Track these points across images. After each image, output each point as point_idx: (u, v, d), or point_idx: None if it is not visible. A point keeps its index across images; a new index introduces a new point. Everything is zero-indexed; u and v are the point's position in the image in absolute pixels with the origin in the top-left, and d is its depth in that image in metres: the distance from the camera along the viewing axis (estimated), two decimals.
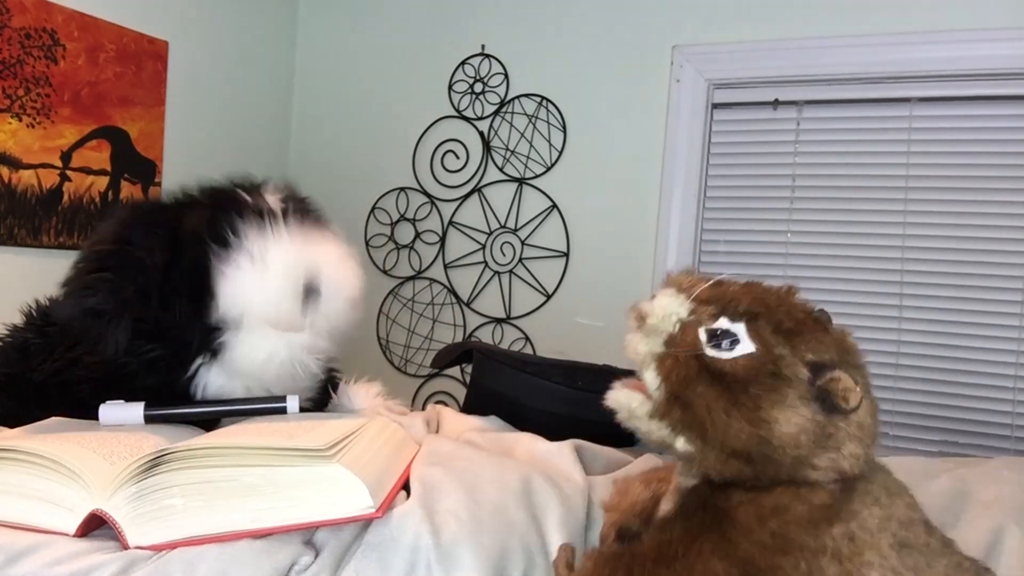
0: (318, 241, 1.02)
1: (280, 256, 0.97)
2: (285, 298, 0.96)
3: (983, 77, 1.83)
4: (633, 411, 0.64)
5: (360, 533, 0.76)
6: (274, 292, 0.96)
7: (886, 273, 1.92)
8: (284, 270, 0.97)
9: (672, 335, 0.62)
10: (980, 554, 0.81)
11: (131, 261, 0.94)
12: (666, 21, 2.11)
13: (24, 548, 0.73)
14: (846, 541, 0.58)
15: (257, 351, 0.97)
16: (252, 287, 0.95)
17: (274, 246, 0.98)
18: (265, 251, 0.97)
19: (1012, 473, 0.96)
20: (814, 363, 0.61)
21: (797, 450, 0.59)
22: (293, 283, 0.97)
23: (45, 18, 1.80)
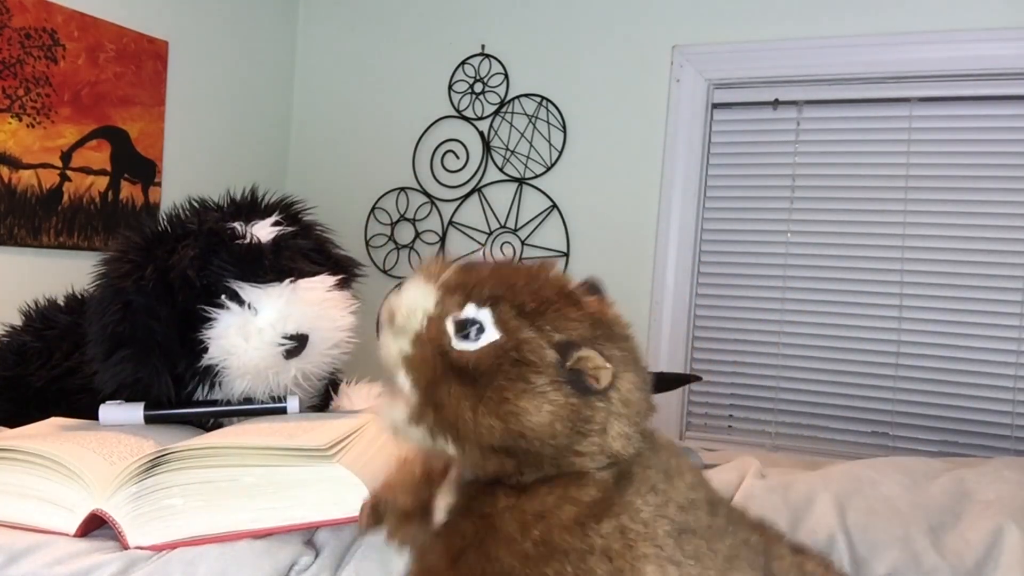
0: (306, 287, 1.02)
1: (268, 305, 0.98)
2: (271, 349, 0.97)
3: (983, 77, 1.82)
4: (396, 422, 0.59)
5: (360, 533, 0.76)
6: (260, 342, 0.97)
7: (886, 273, 1.91)
8: (271, 320, 0.97)
9: (419, 332, 0.58)
10: (980, 554, 0.81)
11: (141, 331, 0.97)
12: (666, 21, 2.11)
13: (24, 548, 0.73)
14: (617, 536, 0.55)
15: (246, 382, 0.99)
16: (239, 335, 0.96)
17: (263, 295, 0.98)
18: (253, 299, 0.98)
19: (1012, 473, 0.96)
20: (561, 343, 0.56)
21: (555, 439, 0.55)
22: (278, 334, 0.97)
23: (45, 18, 1.80)
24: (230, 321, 0.97)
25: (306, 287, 1.02)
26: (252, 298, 0.98)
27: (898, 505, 0.88)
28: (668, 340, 2.08)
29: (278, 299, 0.99)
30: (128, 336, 0.96)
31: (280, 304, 0.98)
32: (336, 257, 1.17)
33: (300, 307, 1.00)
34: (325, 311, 1.03)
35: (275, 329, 0.97)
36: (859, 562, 0.80)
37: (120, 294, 0.97)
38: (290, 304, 0.99)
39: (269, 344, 0.97)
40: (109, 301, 0.97)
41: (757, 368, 2.03)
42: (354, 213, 2.46)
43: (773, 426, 2.02)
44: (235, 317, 0.97)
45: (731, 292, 2.06)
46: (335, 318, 1.04)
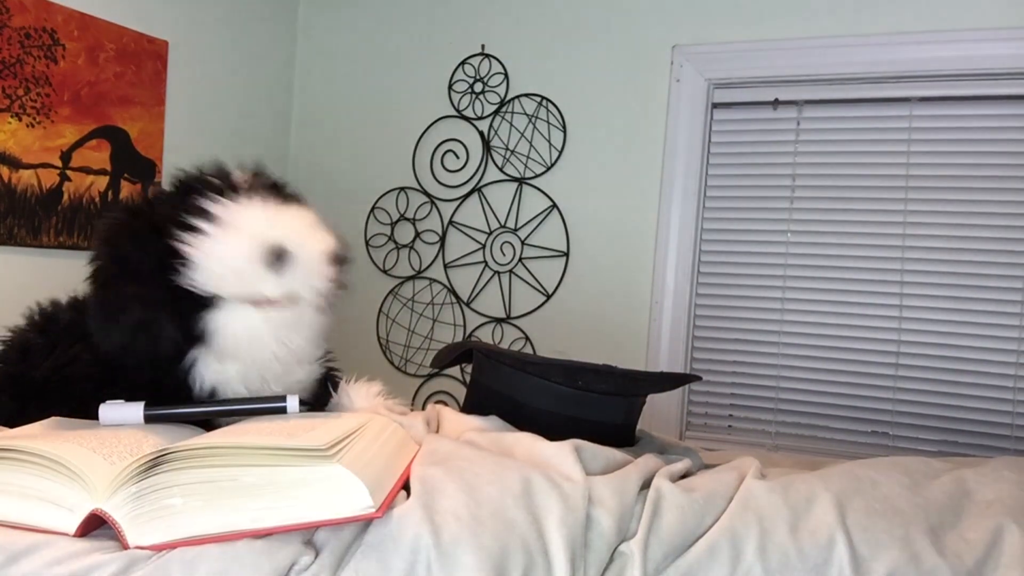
0: (286, 210, 0.99)
1: (245, 219, 0.95)
2: (252, 261, 0.93)
3: (983, 77, 1.83)
4: None
5: (360, 533, 0.76)
6: (240, 256, 0.93)
7: (886, 273, 1.92)
8: (249, 233, 0.94)
9: None
10: (980, 554, 0.81)
11: (136, 272, 0.94)
12: (666, 21, 2.11)
13: (24, 548, 0.73)
14: None
15: (236, 328, 0.95)
16: (219, 254, 0.93)
17: (239, 211, 0.95)
18: (231, 217, 0.94)
19: (1012, 473, 0.96)
20: None
21: None
22: (259, 245, 0.94)
23: (45, 18, 1.80)
24: (210, 242, 0.93)
25: (287, 208, 0.98)
26: (230, 217, 0.94)
27: (898, 505, 0.88)
28: (668, 340, 2.08)
29: (255, 214, 0.95)
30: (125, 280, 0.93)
31: (258, 218, 0.94)
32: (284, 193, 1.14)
33: (280, 221, 0.96)
34: (307, 227, 0.98)
35: (253, 239, 0.93)
36: (859, 562, 0.80)
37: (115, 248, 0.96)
38: (269, 218, 0.95)
39: (248, 255, 0.92)
40: (105, 255, 0.96)
41: (757, 368, 2.04)
42: (354, 213, 2.47)
43: (773, 426, 2.02)
44: (214, 238, 0.93)
45: (731, 292, 2.06)
46: (317, 235, 0.98)
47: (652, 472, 0.96)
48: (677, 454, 1.14)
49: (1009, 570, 0.78)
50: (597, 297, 2.18)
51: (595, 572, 0.80)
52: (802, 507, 0.86)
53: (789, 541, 0.82)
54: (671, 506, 0.86)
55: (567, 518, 0.80)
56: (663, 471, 0.96)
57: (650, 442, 1.20)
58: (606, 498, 0.85)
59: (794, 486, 0.90)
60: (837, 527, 0.83)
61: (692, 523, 0.85)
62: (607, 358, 2.14)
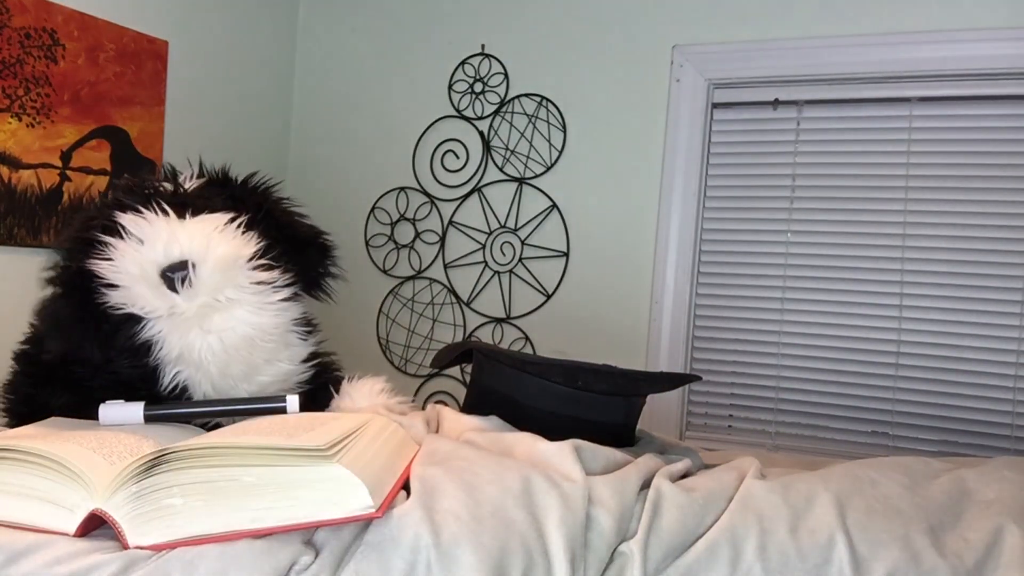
0: (192, 220, 0.98)
1: (147, 235, 0.96)
2: (151, 279, 0.94)
3: (983, 77, 1.83)
4: None
5: (360, 533, 0.76)
6: (140, 274, 0.94)
7: (886, 273, 1.92)
8: (147, 251, 0.95)
9: None
10: (980, 554, 0.81)
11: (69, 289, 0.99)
12: (666, 21, 2.11)
13: (24, 548, 0.73)
14: None
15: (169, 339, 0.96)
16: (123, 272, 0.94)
17: (143, 226, 0.96)
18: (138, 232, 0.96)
19: (1012, 473, 0.96)
20: None
21: None
22: (153, 263, 0.94)
23: (45, 18, 1.80)
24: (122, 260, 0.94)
25: (198, 219, 0.99)
26: (135, 229, 0.95)
27: (898, 505, 0.88)
28: (668, 340, 2.08)
29: (162, 228, 0.95)
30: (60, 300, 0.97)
31: (164, 232, 0.95)
32: (301, 229, 1.12)
33: (185, 233, 0.96)
34: (206, 234, 0.98)
35: (150, 253, 0.94)
36: (859, 562, 0.80)
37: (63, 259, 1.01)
38: (175, 232, 0.95)
39: (146, 268, 0.94)
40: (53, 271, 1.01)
41: (757, 368, 2.04)
42: (354, 213, 2.47)
43: (773, 426, 2.02)
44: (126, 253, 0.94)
45: (731, 292, 2.06)
46: (216, 241, 0.98)
47: (652, 472, 0.96)
48: (677, 454, 1.14)
49: (1009, 570, 0.78)
50: (597, 297, 2.18)
51: (595, 572, 0.80)
52: (802, 507, 0.86)
53: (789, 541, 0.82)
54: (671, 506, 0.86)
55: (567, 518, 0.80)
56: (663, 471, 0.96)
57: (650, 442, 1.20)
58: (606, 498, 0.85)
59: (794, 486, 0.90)
60: (837, 527, 0.83)
61: (692, 523, 0.85)
62: (607, 358, 2.14)
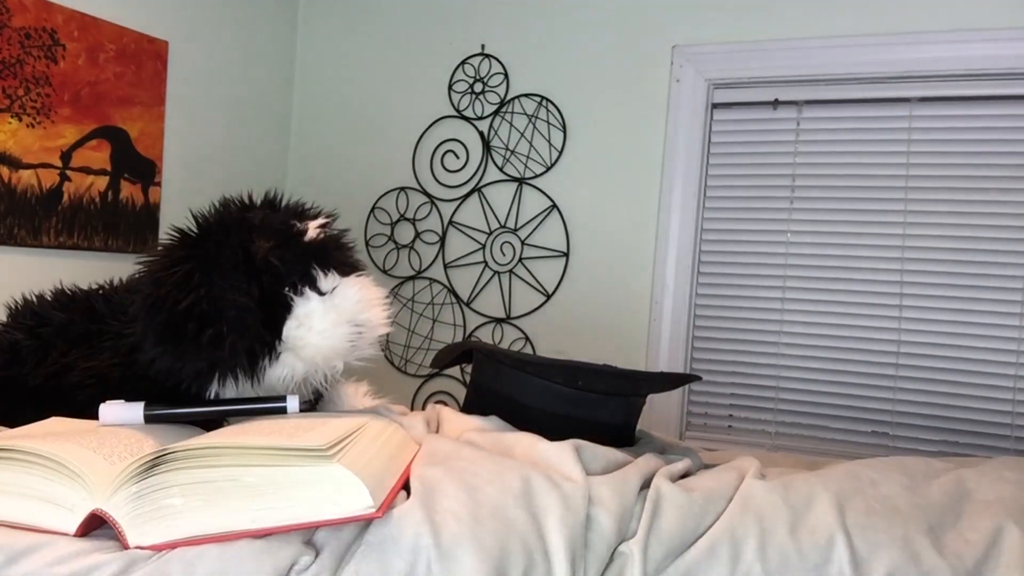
0: (364, 284, 1.10)
1: (344, 294, 1.05)
2: (344, 339, 1.04)
3: (983, 77, 1.83)
4: None
5: (360, 533, 0.76)
6: (335, 332, 1.03)
7: (886, 273, 1.92)
8: (347, 314, 1.04)
9: None
10: (980, 554, 0.81)
11: (229, 309, 0.99)
12: (666, 21, 2.11)
13: (24, 548, 0.73)
14: None
15: (292, 372, 1.03)
16: (318, 323, 1.02)
17: (341, 285, 1.06)
18: (330, 288, 1.04)
19: (1012, 473, 0.96)
20: None
21: None
22: (353, 327, 1.04)
23: (45, 18, 1.80)
24: (310, 308, 1.02)
25: (367, 281, 1.10)
26: (328, 287, 1.04)
27: (898, 505, 0.88)
28: (668, 340, 2.08)
29: (353, 288, 1.05)
30: (213, 315, 0.97)
31: (354, 293, 1.05)
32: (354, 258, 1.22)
33: (364, 303, 1.07)
34: (379, 307, 1.11)
35: (351, 316, 1.04)
36: (859, 562, 0.80)
37: (192, 277, 0.99)
38: (362, 293, 1.06)
39: (341, 331, 1.03)
40: (182, 284, 0.98)
41: (757, 368, 2.04)
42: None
43: (773, 426, 2.02)
44: (314, 304, 1.02)
45: (731, 292, 2.06)
46: (383, 316, 1.11)
47: (652, 472, 0.96)
48: (677, 454, 1.14)
49: (1009, 570, 0.78)
50: (597, 297, 2.18)
51: (595, 572, 0.80)
52: (802, 507, 0.87)
53: (789, 541, 0.82)
54: (671, 506, 0.86)
55: (567, 518, 0.80)
56: (663, 471, 0.96)
57: (650, 442, 1.20)
58: (606, 498, 0.85)
59: (794, 486, 0.90)
60: (837, 527, 0.83)
61: (692, 523, 0.85)
62: (607, 358, 2.14)
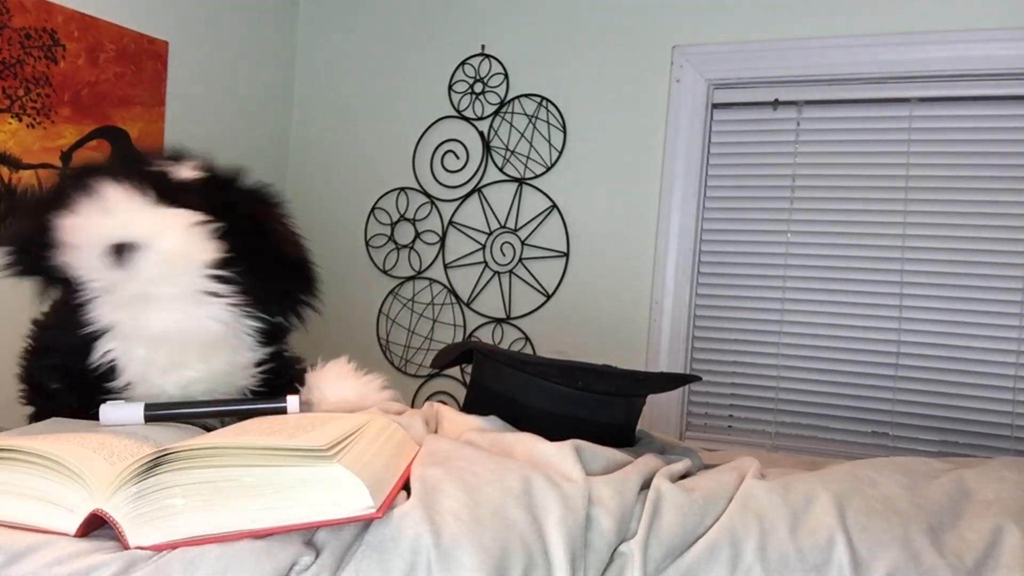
0: (168, 209, 1.01)
1: (111, 210, 0.98)
2: (93, 251, 0.98)
3: (983, 77, 1.83)
4: None
5: (360, 533, 0.76)
6: (86, 244, 0.97)
7: (886, 273, 1.92)
8: (102, 223, 0.98)
9: None
10: (980, 554, 0.81)
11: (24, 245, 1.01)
12: (666, 21, 2.11)
13: (24, 548, 0.73)
14: None
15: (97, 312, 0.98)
16: (74, 239, 0.98)
17: (114, 202, 0.99)
18: (104, 206, 0.98)
19: (1012, 473, 0.96)
20: None
21: None
22: (102, 236, 0.98)
23: (45, 18, 1.80)
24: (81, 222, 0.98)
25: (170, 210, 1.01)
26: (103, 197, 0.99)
27: (898, 505, 0.88)
28: (668, 340, 2.08)
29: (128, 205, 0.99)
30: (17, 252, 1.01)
31: (128, 210, 0.99)
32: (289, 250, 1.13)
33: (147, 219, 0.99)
34: (164, 225, 1.00)
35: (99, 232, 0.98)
36: (859, 562, 0.80)
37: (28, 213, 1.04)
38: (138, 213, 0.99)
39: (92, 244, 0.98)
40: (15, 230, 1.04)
41: (757, 368, 2.04)
42: (354, 213, 2.47)
43: (773, 426, 2.02)
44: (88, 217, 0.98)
45: (731, 292, 2.06)
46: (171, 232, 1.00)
47: (652, 472, 0.96)
48: (677, 454, 1.14)
49: (1009, 570, 0.78)
50: (597, 297, 2.18)
51: (595, 572, 0.80)
52: (802, 507, 0.87)
53: (789, 541, 0.82)
54: (671, 506, 0.86)
55: (567, 518, 0.80)
56: (663, 471, 0.96)
57: (650, 442, 1.20)
58: (606, 498, 0.85)
59: (794, 486, 0.90)
60: (837, 527, 0.83)
61: (692, 523, 0.85)
62: (607, 358, 2.15)
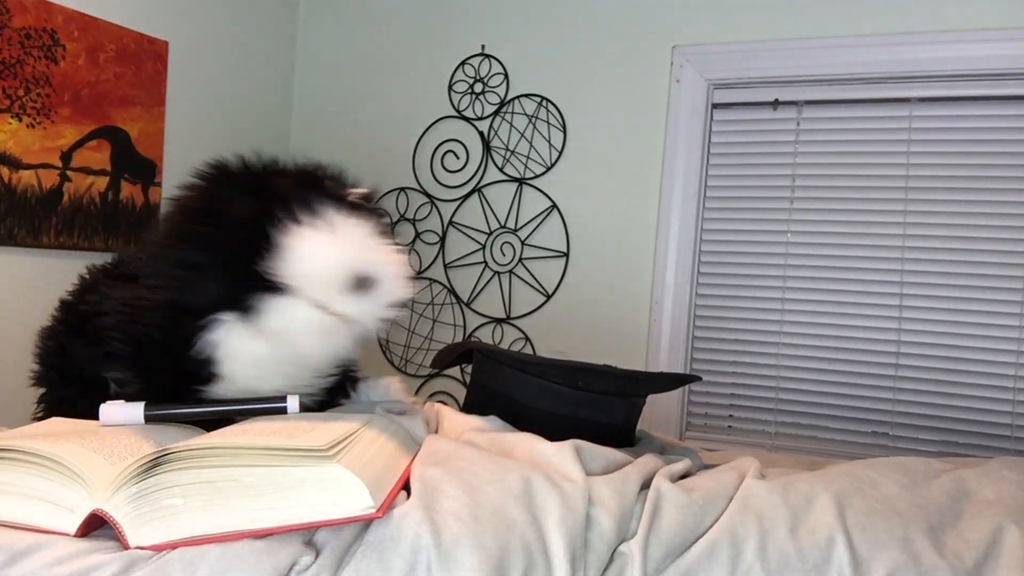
0: (386, 242, 1.05)
1: (349, 237, 1.00)
2: (338, 278, 0.99)
3: (983, 77, 1.83)
4: None
5: (360, 533, 0.76)
6: (330, 269, 0.98)
7: (886, 273, 1.92)
8: (349, 253, 1.00)
9: None
10: (980, 554, 0.81)
11: (220, 215, 0.96)
12: (666, 21, 2.11)
13: (25, 548, 0.73)
14: None
15: (295, 319, 0.98)
16: (311, 257, 0.97)
17: (346, 226, 1.00)
18: (338, 228, 0.99)
19: (1012, 473, 0.96)
20: None
21: None
22: (351, 268, 0.99)
23: (45, 18, 1.80)
24: (313, 241, 0.98)
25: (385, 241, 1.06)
26: (339, 228, 1.00)
27: (898, 505, 0.88)
28: (668, 340, 2.08)
29: (362, 234, 1.01)
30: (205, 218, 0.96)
31: (360, 242, 1.01)
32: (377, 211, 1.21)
33: (376, 251, 1.02)
34: (398, 265, 1.06)
35: (351, 258, 1.00)
36: (859, 562, 0.80)
37: (212, 186, 0.98)
38: (368, 244, 1.02)
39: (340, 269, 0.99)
40: (199, 189, 0.98)
41: (757, 368, 2.04)
42: None
43: (773, 426, 2.02)
44: (318, 240, 0.98)
45: (731, 292, 2.06)
46: (403, 277, 1.06)
47: (652, 472, 0.96)
48: (677, 454, 1.14)
49: (1009, 570, 0.78)
50: (597, 297, 2.18)
51: (595, 572, 0.80)
52: (802, 507, 0.86)
53: (789, 541, 0.82)
54: (671, 506, 0.86)
55: (567, 518, 0.80)
56: (663, 471, 0.96)
57: (650, 442, 1.20)
58: (606, 498, 0.85)
59: (794, 486, 0.90)
60: (837, 527, 0.83)
61: (692, 523, 0.85)
62: (607, 358, 2.14)
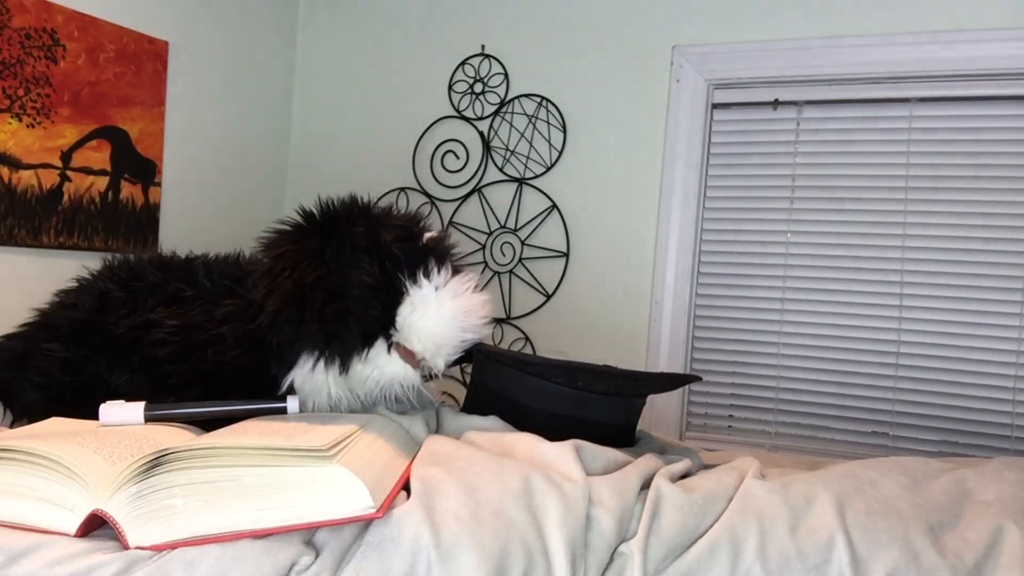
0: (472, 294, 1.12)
1: (458, 305, 1.08)
2: (457, 327, 1.07)
3: (983, 77, 1.83)
4: None
5: (360, 533, 0.76)
6: (449, 319, 1.06)
7: (886, 273, 1.92)
8: (459, 306, 1.07)
9: None
10: (980, 554, 0.81)
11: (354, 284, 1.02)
12: (666, 21, 2.11)
13: (24, 548, 0.73)
14: None
15: (384, 373, 1.04)
16: (432, 309, 1.04)
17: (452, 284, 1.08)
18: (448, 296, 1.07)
19: (1012, 473, 0.96)
20: None
21: None
22: (462, 334, 1.08)
23: (45, 18, 1.80)
24: (424, 295, 1.04)
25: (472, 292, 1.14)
26: (442, 281, 1.07)
27: (898, 505, 0.88)
28: (668, 340, 2.08)
29: (464, 286, 1.09)
30: (339, 291, 1.00)
31: (465, 290, 1.08)
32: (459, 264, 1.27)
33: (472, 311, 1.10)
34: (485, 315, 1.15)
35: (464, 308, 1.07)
36: (859, 562, 0.80)
37: (321, 252, 1.02)
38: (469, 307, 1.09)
39: (455, 320, 1.06)
40: (311, 258, 1.02)
41: (757, 368, 2.04)
42: None
43: (773, 426, 2.02)
44: (427, 291, 1.05)
45: (731, 292, 2.06)
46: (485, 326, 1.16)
47: (652, 472, 0.96)
48: (677, 454, 1.14)
49: (1008, 570, 0.78)
50: (597, 297, 2.18)
51: (595, 572, 0.80)
52: (802, 507, 0.87)
53: (789, 541, 0.82)
54: (671, 506, 0.86)
55: (567, 518, 0.80)
56: (663, 471, 0.96)
57: (650, 442, 1.20)
58: (606, 498, 0.85)
59: (794, 486, 0.90)
60: (837, 527, 0.83)
61: (692, 523, 0.85)
62: (607, 358, 2.14)
